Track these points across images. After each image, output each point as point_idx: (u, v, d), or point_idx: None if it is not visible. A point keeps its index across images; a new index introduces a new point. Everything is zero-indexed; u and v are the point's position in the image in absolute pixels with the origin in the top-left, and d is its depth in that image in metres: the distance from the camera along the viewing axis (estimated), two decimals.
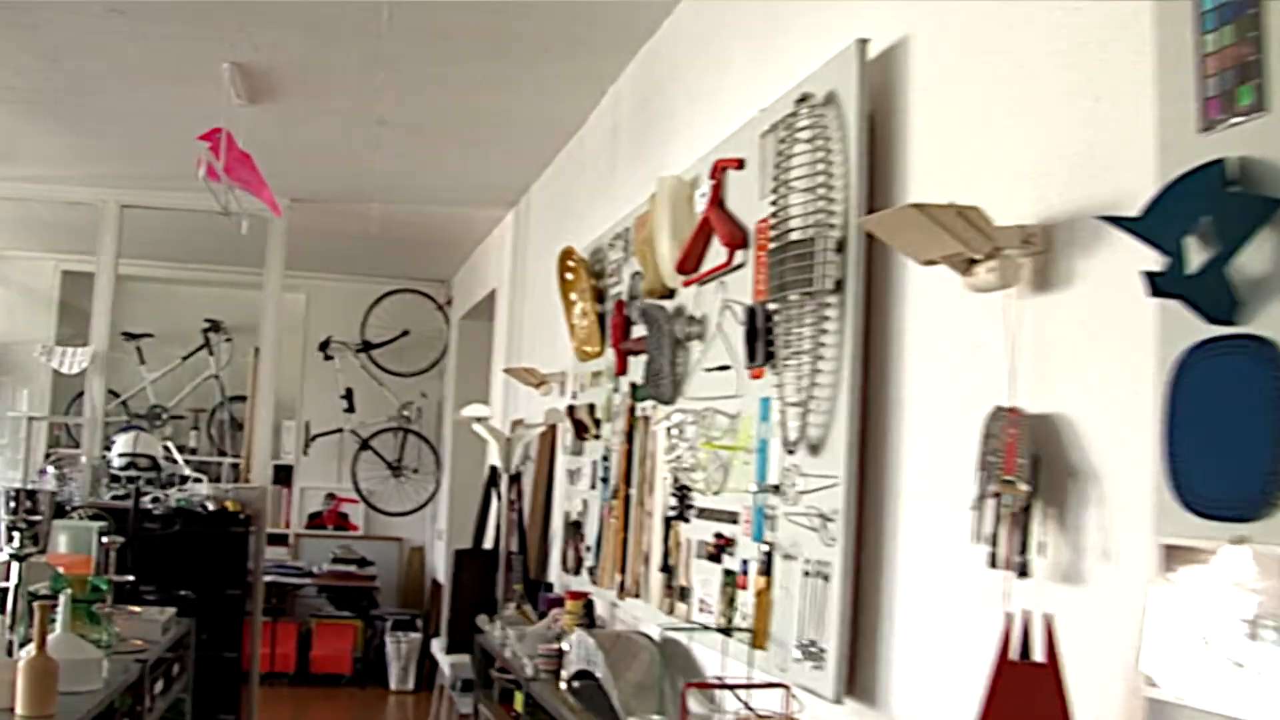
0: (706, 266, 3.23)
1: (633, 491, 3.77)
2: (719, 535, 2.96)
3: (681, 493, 3.27)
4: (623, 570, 3.78)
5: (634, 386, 3.81)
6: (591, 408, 4.28)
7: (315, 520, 9.41)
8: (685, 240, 3.32)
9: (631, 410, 3.81)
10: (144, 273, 8.85)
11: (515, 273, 6.66)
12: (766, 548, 2.70)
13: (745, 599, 2.82)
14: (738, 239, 3.00)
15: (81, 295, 7.61)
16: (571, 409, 4.46)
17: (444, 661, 5.42)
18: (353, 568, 8.82)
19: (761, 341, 2.73)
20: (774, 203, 2.65)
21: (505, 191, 6.53)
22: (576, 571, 4.40)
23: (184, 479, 6.20)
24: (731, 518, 2.94)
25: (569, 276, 4.58)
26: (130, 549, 4.76)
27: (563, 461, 4.82)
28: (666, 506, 3.39)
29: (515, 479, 4.94)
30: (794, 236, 2.56)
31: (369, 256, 8.78)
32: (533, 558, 5.10)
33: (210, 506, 6.06)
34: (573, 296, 4.58)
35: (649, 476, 3.59)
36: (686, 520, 3.24)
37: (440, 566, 8.76)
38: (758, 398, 2.84)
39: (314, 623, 8.81)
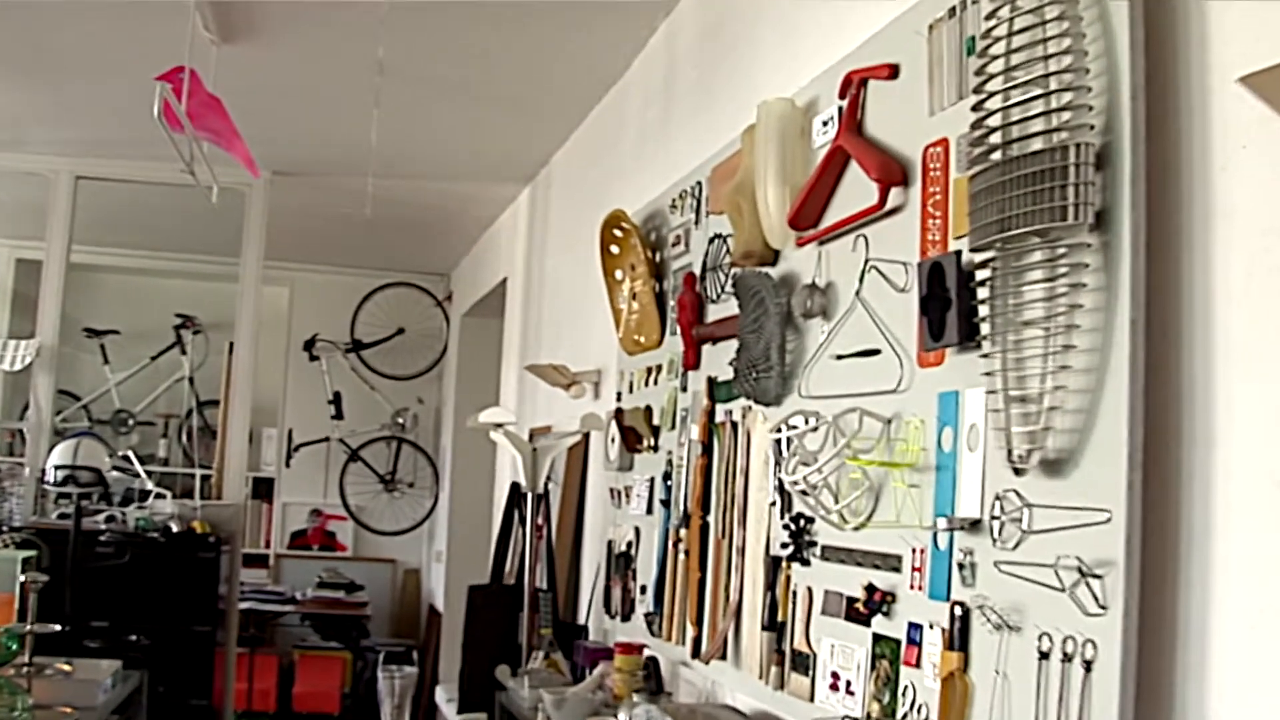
0: (835, 217, 2.37)
1: (712, 519, 2.90)
2: (871, 587, 2.09)
3: (798, 524, 2.40)
4: (699, 622, 2.91)
5: (713, 383, 2.95)
6: (647, 411, 3.41)
7: (298, 539, 8.52)
8: (802, 184, 2.47)
9: (709, 413, 2.94)
10: (108, 262, 8.04)
11: (531, 258, 5.80)
12: (960, 610, 1.84)
13: (918, 682, 1.95)
14: (894, 172, 2.14)
15: (39, 287, 6.80)
16: (619, 413, 3.59)
17: None
18: (340, 593, 7.94)
19: (956, 310, 1.87)
20: (978, 106, 1.79)
21: (521, 163, 5.67)
22: (626, 617, 3.53)
23: (145, 494, 5.31)
24: (889, 562, 2.08)
25: (614, 249, 3.71)
26: (70, 585, 3.89)
27: (602, 478, 3.95)
28: (774, 542, 2.53)
29: (542, 499, 4.07)
30: (1016, 151, 1.71)
31: (360, 246, 7.93)
32: (561, 595, 4.23)
33: (175, 527, 5.17)
34: (618, 274, 3.72)
35: (739, 500, 2.72)
36: (805, 562, 2.38)
37: (439, 592, 7.89)
38: (935, 392, 1.98)
39: (297, 655, 7.92)
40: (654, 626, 3.23)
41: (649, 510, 3.38)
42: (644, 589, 3.38)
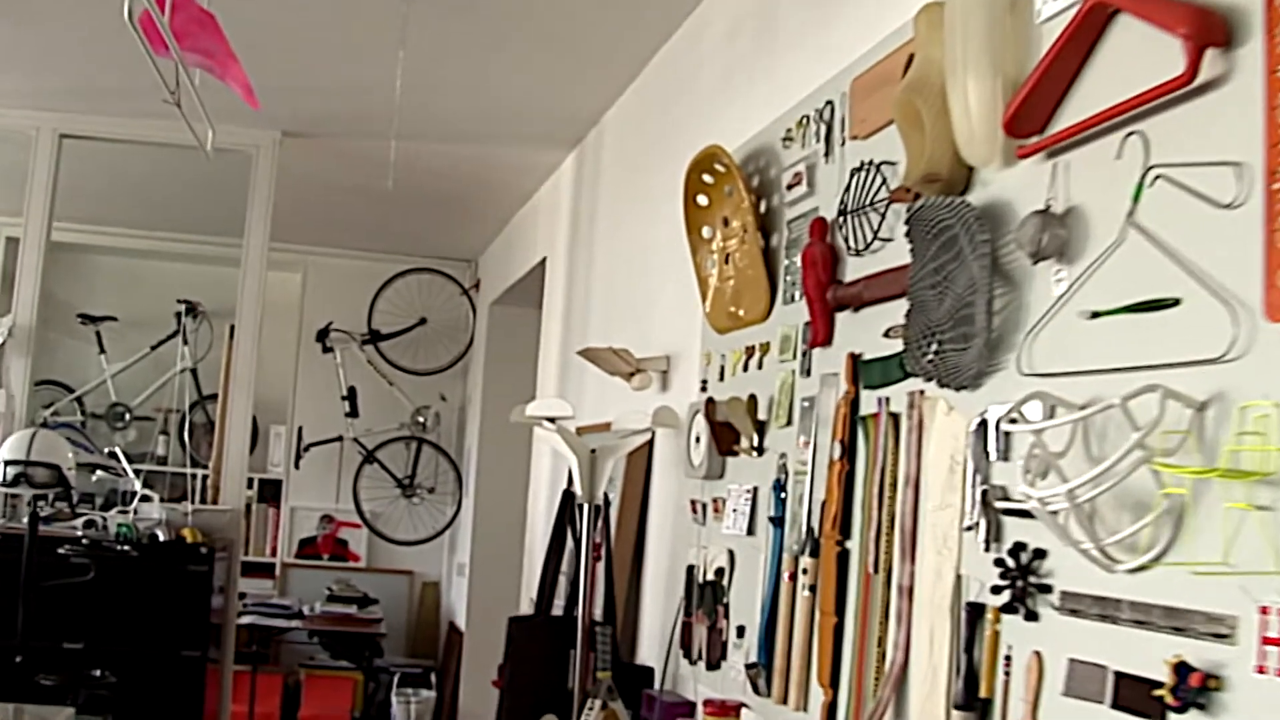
0: (1079, 113, 1.63)
1: (855, 545, 2.15)
2: (1184, 666, 1.34)
3: (1018, 559, 1.65)
4: (833, 683, 2.16)
5: (857, 361, 2.20)
6: (751, 402, 2.67)
7: (308, 548, 7.81)
8: (1019, 74, 1.73)
9: (852, 403, 2.19)
10: (106, 243, 7.43)
11: (577, 233, 5.06)
12: None
13: None
14: (1214, 26, 1.40)
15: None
16: (709, 406, 2.84)
17: None
18: (352, 607, 7.20)
19: None
20: None
21: (567, 123, 4.92)
22: (713, 664, 2.77)
23: (128, 496, 4.58)
24: (1207, 626, 1.33)
25: (701, 200, 2.97)
26: (24, 605, 3.17)
27: (676, 487, 3.21)
28: (970, 582, 1.78)
29: (600, 512, 3.33)
30: None
31: (379, 228, 7.22)
32: (620, 629, 3.49)
33: (162, 535, 4.44)
34: (706, 231, 2.98)
35: (905, 521, 1.97)
36: (1031, 616, 1.63)
37: (461, 608, 7.17)
38: None
39: (304, 674, 7.20)
40: (759, 682, 2.47)
41: (750, 530, 2.63)
42: (741, 631, 2.63)
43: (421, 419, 7.62)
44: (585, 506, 3.25)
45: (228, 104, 4.25)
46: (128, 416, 7.59)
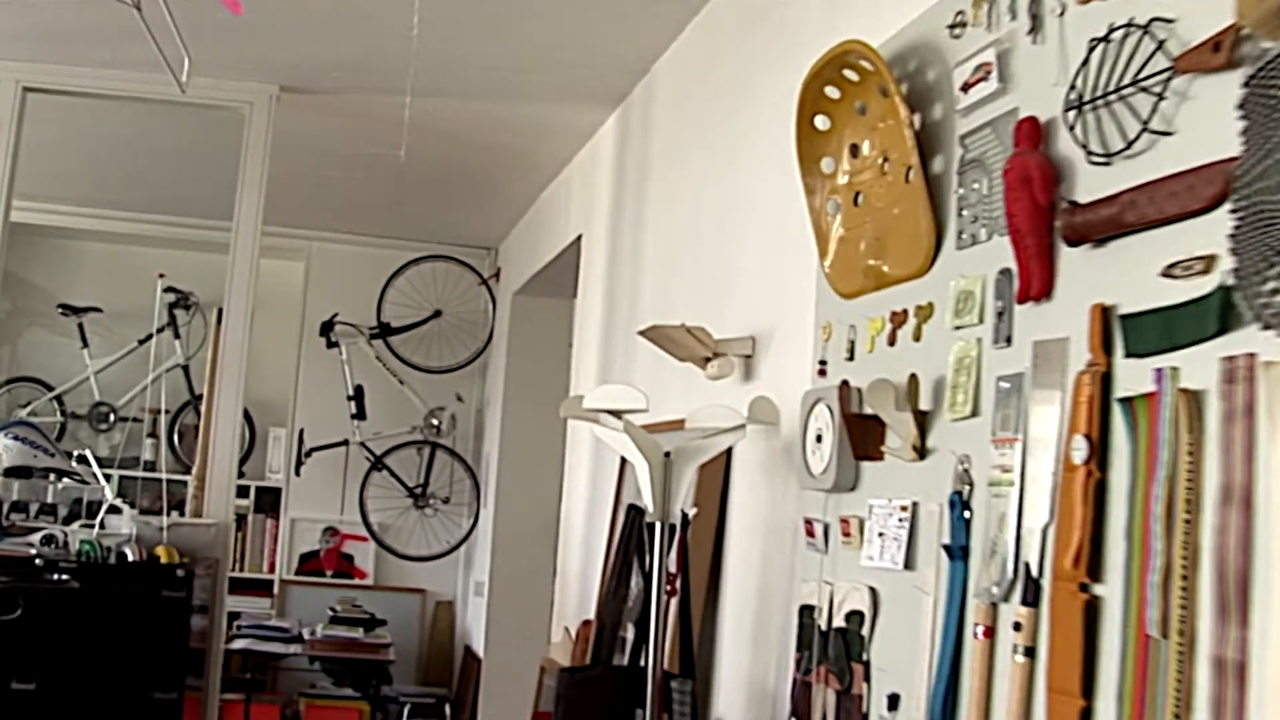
0: None
1: (1111, 591, 1.43)
2: None
3: None
4: None
5: (1111, 317, 1.48)
6: (911, 385, 1.95)
7: (309, 563, 7.18)
8: None
9: (1103, 379, 1.48)
10: (90, 226, 6.96)
11: (621, 203, 4.37)
12: None
13: None
14: None
15: (16, 256, 5.54)
16: (844, 391, 2.11)
17: None
18: (358, 631, 6.59)
19: None
20: None
21: (610, 76, 4.21)
22: None
23: (91, 507, 3.90)
24: None
25: (820, 123, 2.25)
26: None
27: (770, 503, 2.49)
28: None
29: (677, 532, 2.62)
30: None
31: (390, 210, 6.60)
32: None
33: (131, 554, 3.74)
34: (827, 165, 2.26)
35: (1227, 560, 1.26)
36: None
37: (478, 631, 6.54)
38: None
39: (304, 704, 6.59)
40: None
41: (907, 563, 1.91)
42: (895, 701, 1.91)
43: (435, 421, 7.00)
44: (658, 526, 2.53)
45: (217, 54, 3.66)
46: (112, 418, 7.10)
